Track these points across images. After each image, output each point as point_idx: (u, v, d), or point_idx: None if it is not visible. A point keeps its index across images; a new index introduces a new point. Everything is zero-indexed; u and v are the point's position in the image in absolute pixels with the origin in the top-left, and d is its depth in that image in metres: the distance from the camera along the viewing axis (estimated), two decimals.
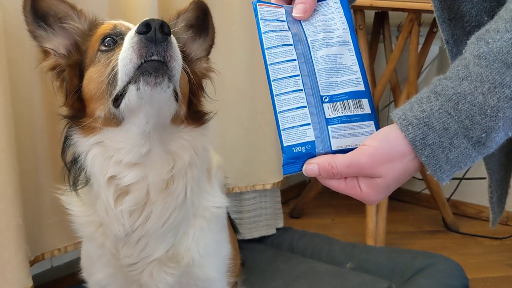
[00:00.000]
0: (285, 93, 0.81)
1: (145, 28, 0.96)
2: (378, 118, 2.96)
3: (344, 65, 0.83)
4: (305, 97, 0.81)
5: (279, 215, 2.31)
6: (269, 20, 0.86)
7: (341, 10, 0.88)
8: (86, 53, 1.15)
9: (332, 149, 0.79)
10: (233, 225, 1.57)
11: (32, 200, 1.53)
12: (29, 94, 1.47)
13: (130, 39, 0.99)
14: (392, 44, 2.63)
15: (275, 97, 0.81)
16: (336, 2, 0.88)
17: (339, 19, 0.86)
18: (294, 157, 0.79)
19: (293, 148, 0.79)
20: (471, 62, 0.69)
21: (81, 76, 1.15)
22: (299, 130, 0.79)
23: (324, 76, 0.82)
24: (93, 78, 1.11)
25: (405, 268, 1.91)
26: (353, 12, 2.31)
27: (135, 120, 1.06)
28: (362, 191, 0.76)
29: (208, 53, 1.32)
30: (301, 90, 0.81)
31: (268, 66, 0.83)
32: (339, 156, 0.77)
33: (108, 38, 1.10)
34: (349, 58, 0.84)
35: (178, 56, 1.01)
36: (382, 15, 2.61)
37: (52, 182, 1.54)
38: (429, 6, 2.12)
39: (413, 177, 2.99)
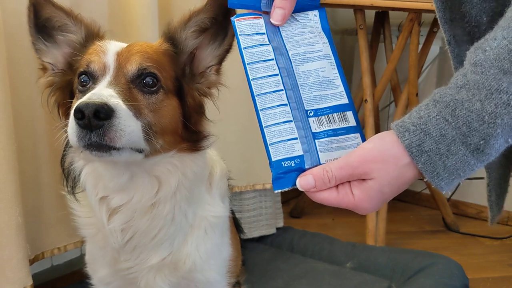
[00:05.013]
0: (270, 107, 0.80)
1: (80, 115, 0.90)
2: (378, 118, 2.95)
3: (327, 79, 0.83)
4: (290, 112, 0.80)
5: (279, 214, 2.31)
6: (248, 34, 0.85)
7: (319, 24, 0.88)
8: (76, 72, 1.12)
9: (321, 162, 0.79)
10: (237, 225, 1.56)
11: (32, 199, 1.53)
12: (29, 94, 1.47)
13: (71, 117, 0.94)
14: (393, 44, 2.63)
15: (260, 112, 0.80)
16: (315, 15, 0.88)
17: (318, 33, 0.85)
18: (283, 172, 0.79)
19: (282, 163, 0.79)
20: (468, 71, 0.69)
21: (71, 97, 1.14)
22: (287, 144, 0.79)
23: (308, 91, 0.82)
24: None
25: (405, 268, 1.91)
26: (354, 12, 2.30)
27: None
28: (355, 197, 0.75)
29: (221, 60, 1.19)
30: (286, 104, 0.81)
31: (251, 81, 0.82)
32: (332, 161, 0.77)
33: (83, 75, 1.07)
34: (331, 72, 0.83)
35: (127, 126, 0.95)
36: (382, 14, 2.61)
37: (52, 181, 1.55)
38: (429, 6, 2.13)
39: None
